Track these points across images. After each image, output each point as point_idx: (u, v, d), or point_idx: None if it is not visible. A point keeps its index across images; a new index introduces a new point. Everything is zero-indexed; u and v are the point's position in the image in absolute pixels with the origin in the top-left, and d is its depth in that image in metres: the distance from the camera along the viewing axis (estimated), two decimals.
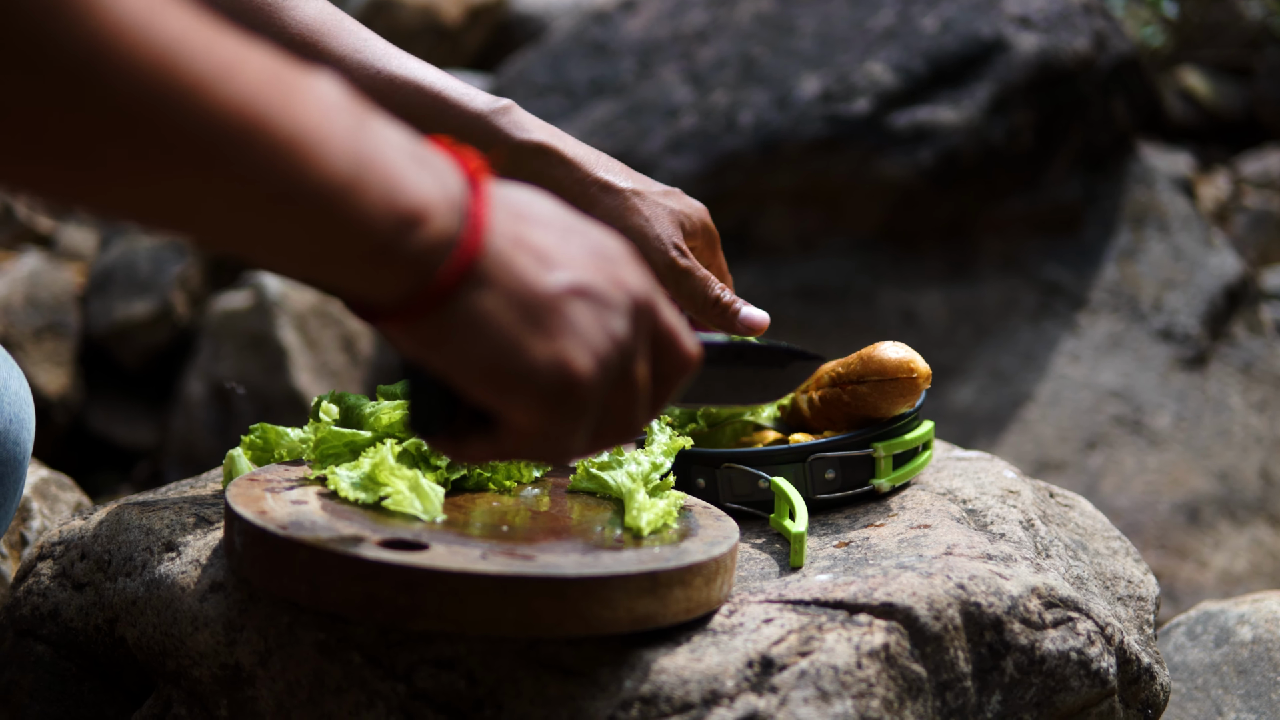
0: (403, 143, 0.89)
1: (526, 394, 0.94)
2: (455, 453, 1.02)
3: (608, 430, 1.02)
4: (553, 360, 0.94)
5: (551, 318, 0.94)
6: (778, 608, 1.23)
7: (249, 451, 1.44)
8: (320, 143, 0.83)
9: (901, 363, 1.46)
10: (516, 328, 0.93)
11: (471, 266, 0.90)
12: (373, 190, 0.85)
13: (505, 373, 0.93)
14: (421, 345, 0.93)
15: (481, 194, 0.92)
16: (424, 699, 1.18)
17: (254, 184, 0.81)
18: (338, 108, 0.85)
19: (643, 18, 4.11)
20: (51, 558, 1.44)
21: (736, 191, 3.62)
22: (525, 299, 0.93)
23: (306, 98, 0.83)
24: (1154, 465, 3.39)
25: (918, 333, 3.57)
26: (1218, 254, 3.75)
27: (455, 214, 0.90)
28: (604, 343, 0.97)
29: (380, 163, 0.86)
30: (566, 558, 1.17)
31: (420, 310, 0.90)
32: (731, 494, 1.48)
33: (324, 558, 1.13)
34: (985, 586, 1.27)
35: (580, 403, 0.96)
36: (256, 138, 0.80)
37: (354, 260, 0.87)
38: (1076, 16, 3.75)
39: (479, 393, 0.95)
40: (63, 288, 4.44)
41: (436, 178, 0.90)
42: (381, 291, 0.90)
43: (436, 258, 0.89)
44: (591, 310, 0.96)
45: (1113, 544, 1.58)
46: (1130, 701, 1.36)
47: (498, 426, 0.98)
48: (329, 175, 0.83)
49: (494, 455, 1.01)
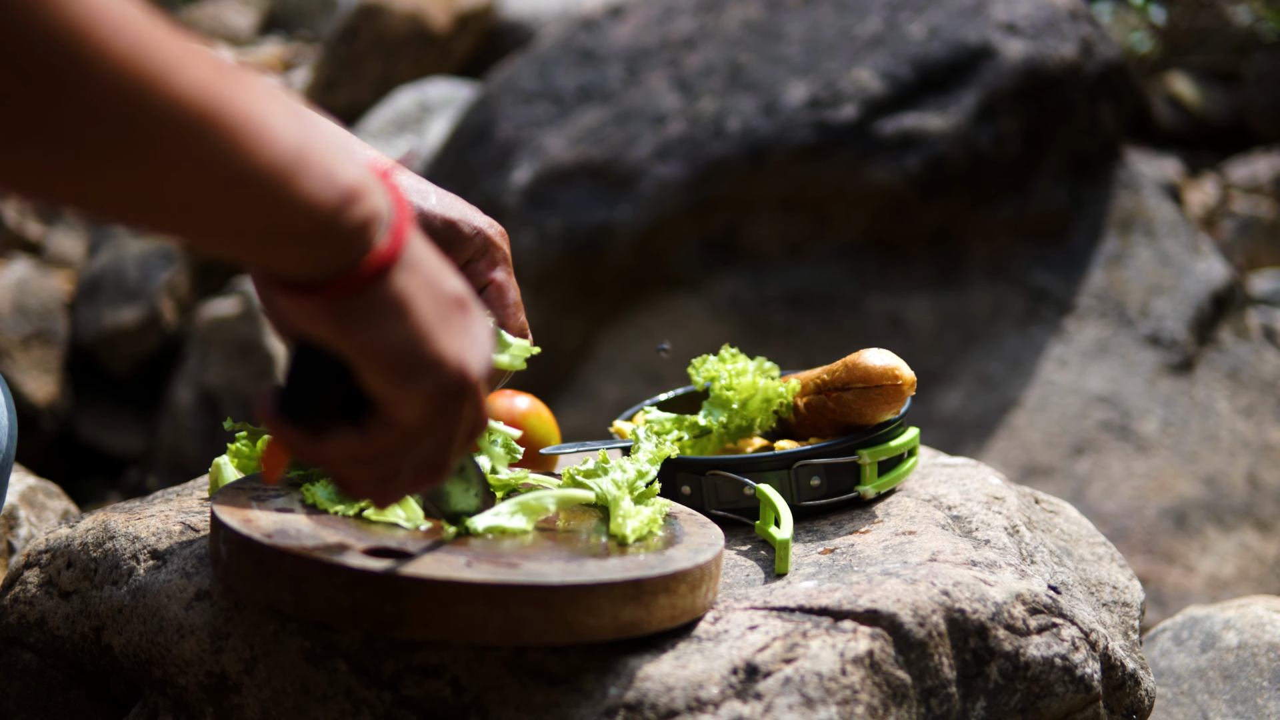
0: (333, 130, 0.95)
1: (429, 383, 0.98)
2: (308, 446, 1.03)
3: (426, 465, 1.06)
4: (457, 356, 0.99)
5: (455, 317, 1.00)
6: (763, 614, 1.24)
7: (235, 459, 1.44)
8: (267, 125, 0.87)
9: (886, 370, 1.46)
10: (433, 318, 0.97)
11: (401, 248, 0.95)
12: (315, 169, 0.89)
13: (416, 358, 0.97)
14: (342, 325, 0.95)
15: (397, 188, 0.98)
16: (409, 706, 1.18)
17: (211, 167, 0.85)
18: (275, 94, 0.89)
19: (630, 25, 4.12)
20: (38, 566, 1.44)
21: (724, 198, 3.62)
22: (437, 293, 0.98)
23: (249, 85, 0.87)
24: (1141, 471, 3.40)
25: (905, 339, 3.57)
26: (1205, 260, 3.76)
27: (384, 198, 0.95)
28: (485, 357, 1.03)
29: (319, 143, 0.90)
30: (551, 565, 1.17)
31: (353, 285, 0.94)
32: (717, 501, 1.48)
33: (309, 566, 1.13)
34: (970, 593, 1.28)
35: (462, 406, 1.01)
36: (212, 123, 0.84)
37: (300, 236, 0.91)
38: (1063, 23, 3.76)
39: (384, 378, 0.97)
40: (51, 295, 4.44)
41: (360, 164, 0.94)
42: (319, 266, 0.93)
43: (371, 234, 0.93)
44: (477, 324, 1.03)
45: (1098, 550, 1.58)
46: (1115, 707, 1.37)
47: (373, 420, 1.00)
48: (277, 155, 0.87)
49: (349, 455, 1.02)
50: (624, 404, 3.50)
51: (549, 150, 3.83)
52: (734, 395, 1.54)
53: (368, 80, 5.79)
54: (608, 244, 3.64)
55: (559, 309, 3.69)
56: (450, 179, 3.94)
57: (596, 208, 3.69)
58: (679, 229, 3.65)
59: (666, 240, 3.66)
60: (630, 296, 3.69)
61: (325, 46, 6.09)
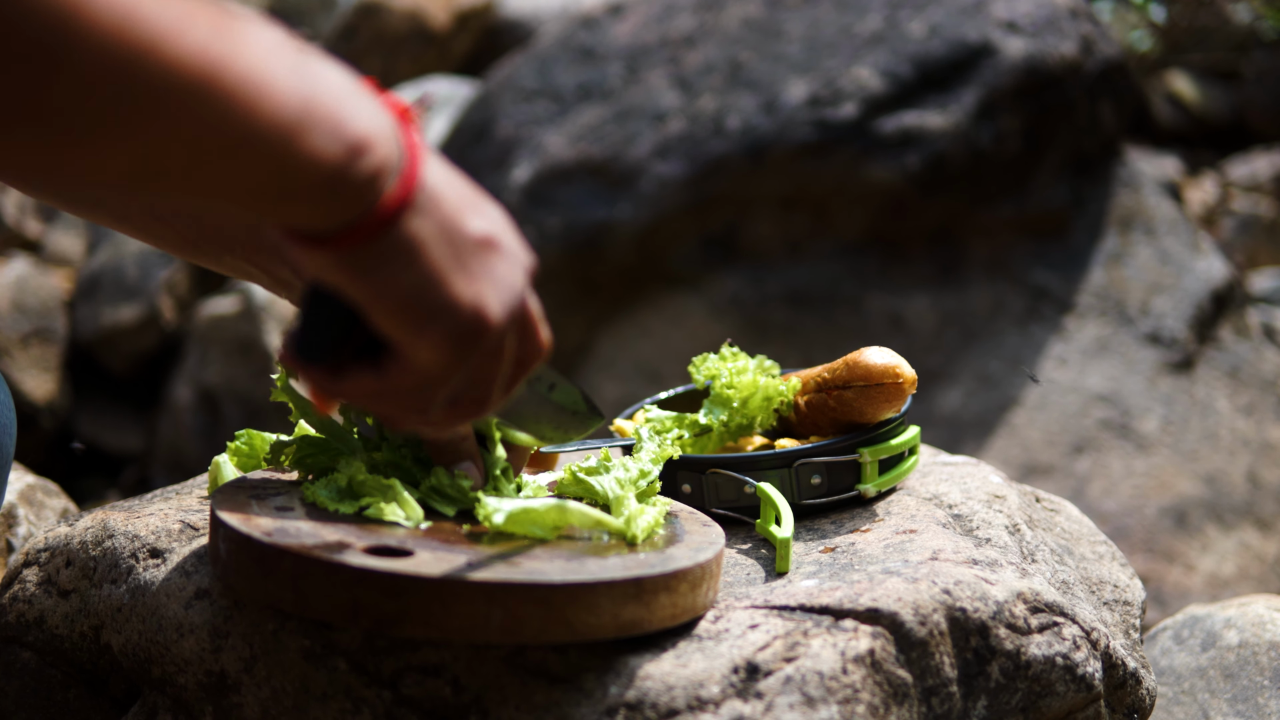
0: (341, 79, 0.93)
1: (442, 327, 0.98)
2: (330, 385, 1.03)
3: (465, 400, 1.06)
4: (473, 299, 0.99)
5: (474, 259, 0.99)
6: (763, 613, 1.23)
7: (235, 458, 1.44)
8: (268, 84, 0.86)
9: (887, 368, 1.46)
10: (445, 261, 0.97)
11: (412, 194, 0.95)
12: (321, 124, 0.89)
13: (428, 302, 0.97)
14: (353, 273, 0.95)
15: (412, 131, 0.97)
16: (409, 705, 1.17)
17: (213, 131, 0.85)
18: (279, 49, 0.89)
19: (630, 23, 4.11)
20: (37, 564, 1.43)
21: (724, 196, 3.62)
22: (454, 236, 0.98)
23: (250, 43, 0.86)
24: (1141, 469, 3.40)
25: (905, 337, 3.57)
26: (1205, 258, 3.75)
27: (394, 145, 0.94)
28: (511, 297, 1.02)
29: (324, 97, 0.90)
30: (552, 564, 1.17)
31: (364, 235, 0.94)
32: (717, 499, 1.47)
33: (309, 565, 1.12)
34: (971, 592, 1.27)
35: (482, 347, 1.01)
36: (212, 87, 0.83)
37: (308, 192, 0.91)
38: (1064, 21, 3.75)
39: (395, 322, 0.98)
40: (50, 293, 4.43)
41: (373, 111, 0.94)
42: (329, 220, 0.93)
43: (381, 184, 0.93)
44: (505, 264, 1.02)
45: (1099, 548, 1.58)
46: (1116, 706, 1.36)
47: (389, 362, 1.01)
48: (280, 114, 0.87)
49: (371, 393, 1.02)
50: (624, 402, 3.50)
51: (549, 148, 3.82)
52: (735, 394, 1.53)
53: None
54: (607, 242, 3.63)
55: (559, 307, 3.68)
56: None
57: (596, 206, 3.69)
58: (679, 227, 3.65)
59: (666, 238, 3.66)
60: (630, 295, 3.69)
61: (325, 45, 6.09)
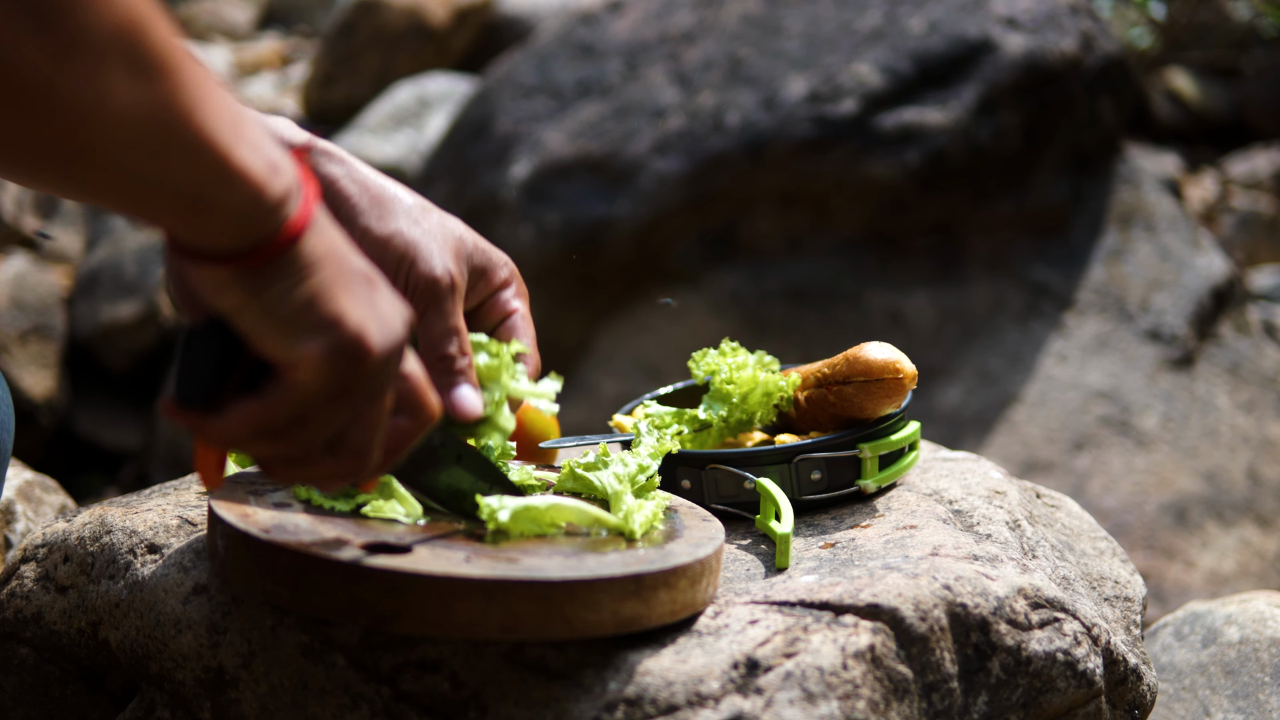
0: (249, 108, 0.98)
1: (325, 341, 0.99)
2: (212, 425, 1.02)
3: (345, 447, 1.06)
4: (357, 320, 1.01)
5: (358, 287, 1.02)
6: (763, 609, 1.23)
7: (233, 455, 1.43)
8: (215, 93, 0.91)
9: (887, 363, 1.45)
10: (334, 281, 1.00)
11: (311, 217, 0.98)
12: (248, 139, 0.93)
13: (315, 315, 0.99)
14: (248, 290, 0.97)
15: (304, 162, 1.02)
16: (408, 702, 1.17)
17: (161, 133, 0.88)
18: (210, 73, 0.92)
19: (630, 19, 4.11)
20: (35, 560, 1.43)
21: (723, 193, 3.62)
22: (342, 263, 1.01)
23: (194, 61, 0.90)
24: (1141, 466, 3.39)
25: (905, 334, 3.57)
26: (1205, 255, 3.75)
27: (294, 171, 0.98)
28: (390, 334, 1.03)
29: (246, 119, 0.94)
30: (550, 560, 1.16)
31: (268, 252, 0.96)
32: (717, 495, 1.47)
33: (307, 561, 1.12)
34: (971, 587, 1.27)
35: (361, 375, 1.02)
36: (175, 84, 0.87)
37: (232, 205, 0.93)
38: (1064, 17, 3.75)
39: (281, 336, 0.99)
40: (49, 290, 4.43)
41: (274, 140, 0.98)
42: (241, 237, 0.95)
43: (289, 205, 0.96)
44: (385, 301, 1.04)
45: (1099, 544, 1.57)
46: (1117, 702, 1.36)
47: (270, 385, 1.01)
48: (220, 125, 0.91)
49: (252, 421, 1.02)
50: (623, 398, 3.49)
51: (548, 145, 3.82)
52: (734, 389, 1.53)
53: (366, 75, 5.78)
54: (607, 239, 3.63)
55: (558, 304, 3.68)
56: (449, 174, 3.94)
57: (595, 202, 3.68)
58: (678, 224, 3.64)
59: (666, 235, 3.65)
60: (629, 291, 3.69)
61: (323, 41, 6.08)
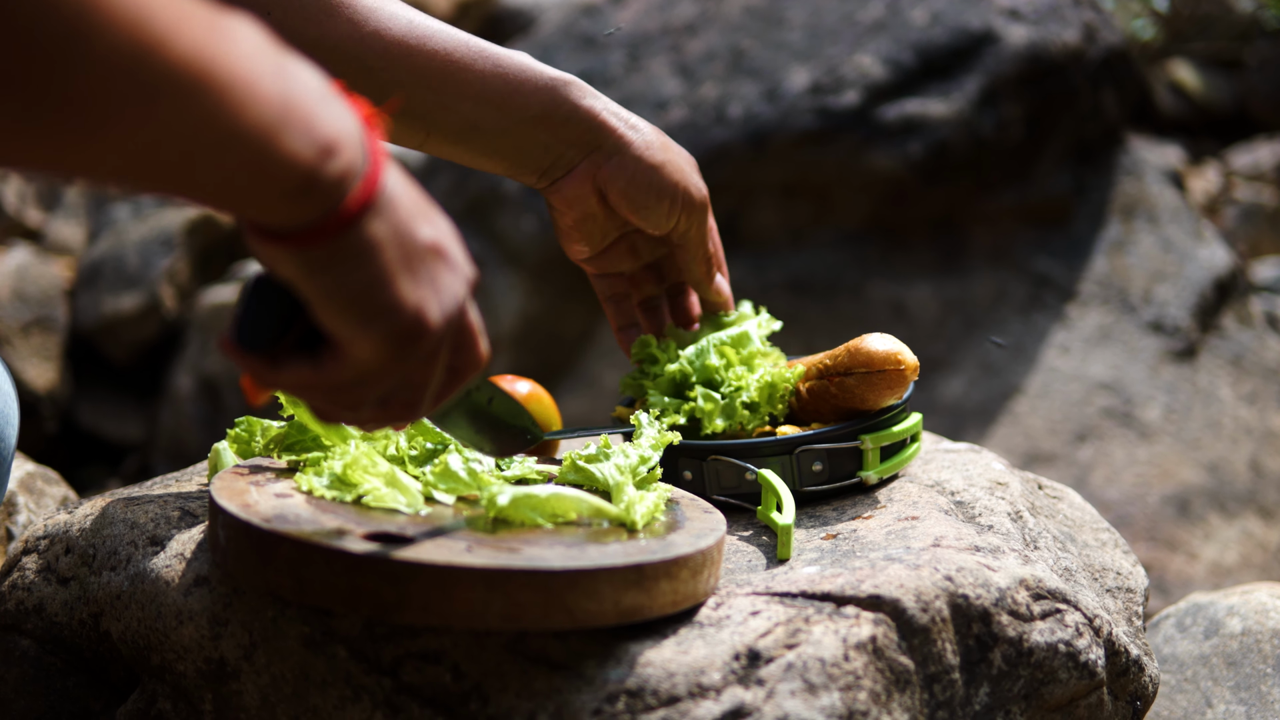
0: (314, 81, 0.94)
1: (384, 326, 1.00)
2: (266, 375, 1.04)
3: (396, 402, 1.08)
4: (416, 303, 1.01)
5: (422, 265, 1.01)
6: (764, 600, 1.23)
7: (234, 445, 1.43)
8: (254, 85, 0.88)
9: (889, 355, 1.45)
10: (394, 264, 0.99)
11: (373, 197, 0.97)
12: (297, 125, 0.91)
13: (374, 302, 0.99)
14: (307, 269, 0.97)
15: (375, 136, 0.99)
16: (410, 692, 1.17)
17: (201, 129, 0.86)
18: (262, 50, 0.90)
19: (632, 10, 4.10)
20: (36, 552, 1.43)
21: (725, 184, 3.61)
22: (405, 240, 1.00)
23: (238, 42, 0.88)
24: (1144, 457, 3.39)
25: (907, 325, 3.56)
26: (1207, 246, 3.75)
27: (359, 149, 0.96)
28: (451, 305, 1.04)
29: (300, 99, 0.91)
30: (552, 550, 1.16)
31: (325, 234, 0.95)
32: (719, 486, 1.47)
33: (308, 551, 1.12)
34: (973, 578, 1.27)
35: (419, 351, 1.03)
36: (205, 85, 0.85)
37: (280, 191, 0.92)
38: (1066, 8, 3.74)
39: (340, 319, 0.99)
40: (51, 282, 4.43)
41: (342, 114, 0.95)
42: (294, 219, 0.94)
43: (345, 186, 0.95)
44: (448, 273, 1.04)
45: (1101, 536, 1.57)
46: (1119, 693, 1.36)
47: (327, 356, 1.02)
48: (263, 114, 0.88)
49: (307, 383, 1.04)
50: None
51: None
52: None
53: None
54: None
55: (561, 295, 3.68)
56: (450, 166, 3.93)
57: None
58: None
59: None
60: None
61: None
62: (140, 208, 4.64)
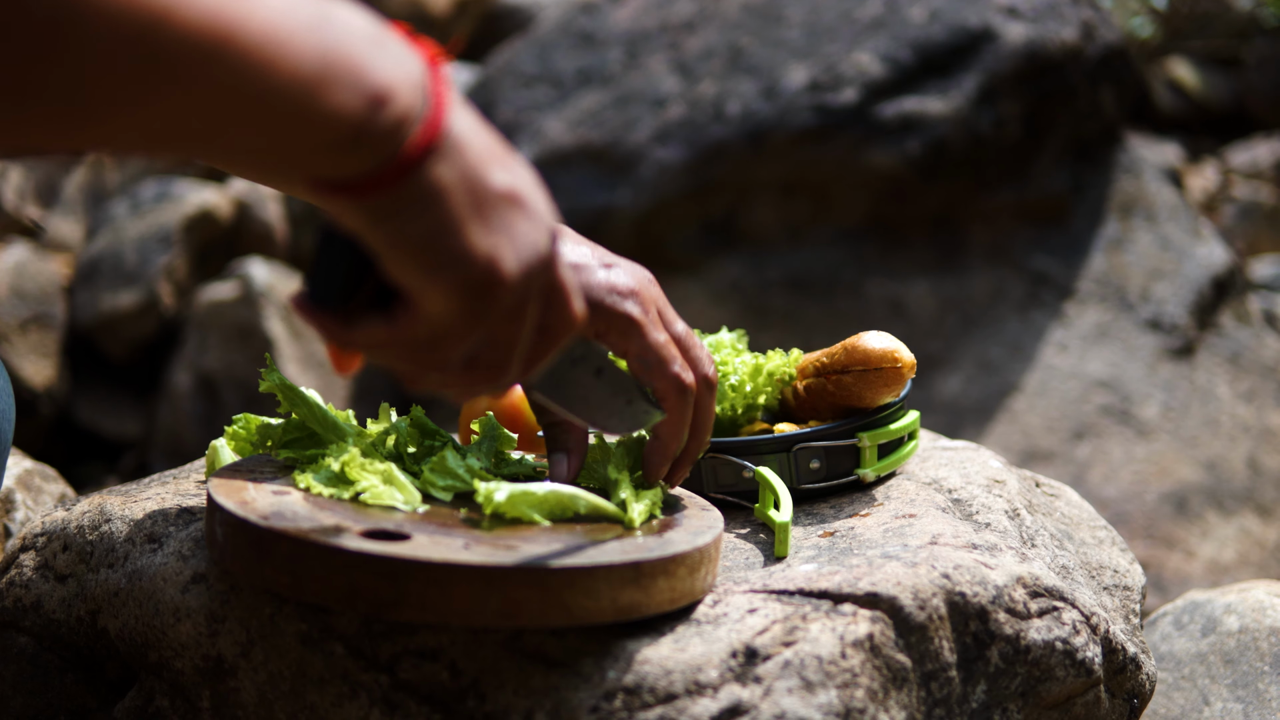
0: (364, 26, 0.91)
1: (454, 276, 0.96)
2: (340, 333, 1.01)
3: (482, 362, 1.04)
4: (487, 252, 0.97)
5: (493, 212, 0.97)
6: (762, 598, 1.23)
7: (232, 442, 1.43)
8: (285, 42, 0.85)
9: (885, 353, 1.45)
10: (463, 210, 0.95)
11: (435, 141, 0.93)
12: (341, 77, 0.88)
13: (441, 250, 0.95)
14: (370, 219, 0.94)
15: (440, 78, 0.95)
16: (407, 690, 1.17)
17: (230, 94, 0.84)
18: (297, 2, 0.87)
19: (630, 8, 4.10)
20: (34, 549, 1.43)
21: (724, 182, 3.61)
22: (475, 186, 0.96)
23: (266, 0, 0.85)
24: (1141, 455, 3.39)
25: (905, 323, 3.56)
26: (1205, 244, 3.75)
27: (418, 93, 0.92)
28: (530, 255, 1.00)
29: (344, 50, 0.88)
30: (549, 548, 1.16)
31: (383, 184, 0.92)
32: (716, 484, 1.47)
33: (305, 548, 1.12)
34: (970, 576, 1.27)
35: (495, 303, 0.99)
36: (226, 50, 0.82)
37: (328, 146, 0.89)
38: (1064, 6, 3.74)
39: (408, 269, 0.96)
40: (49, 279, 4.43)
41: (397, 59, 0.92)
42: (349, 170, 0.91)
43: (402, 134, 0.91)
44: (525, 221, 0.99)
45: (1099, 533, 1.57)
46: (1116, 691, 1.36)
47: (401, 310, 0.99)
48: (298, 72, 0.85)
49: (381, 341, 1.01)
50: None
51: (548, 133, 3.81)
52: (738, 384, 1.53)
53: None
54: (607, 228, 3.63)
55: None
56: None
57: (596, 191, 3.68)
58: (679, 213, 3.64)
59: (666, 224, 3.65)
60: None
61: None
62: (138, 204, 4.63)
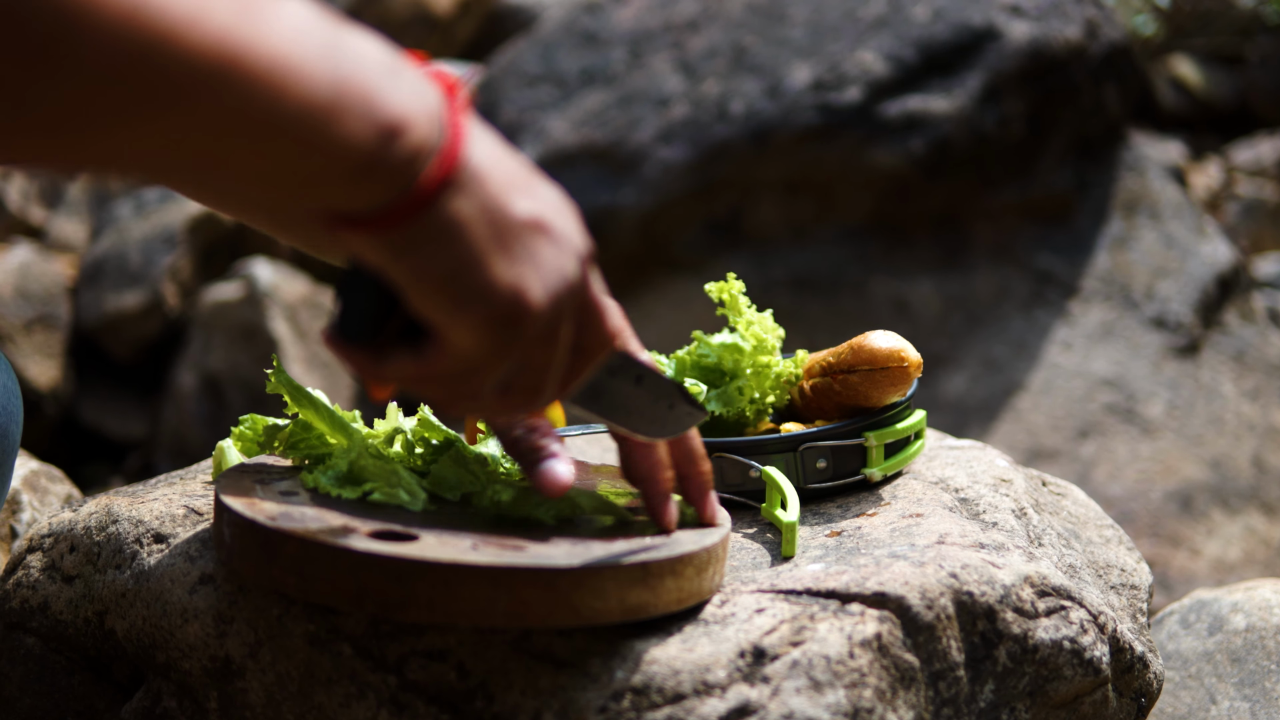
0: (378, 55, 0.89)
1: (479, 311, 0.95)
2: (371, 368, 1.00)
3: (517, 388, 1.03)
4: (512, 284, 0.95)
5: (517, 242, 0.95)
6: (769, 597, 1.23)
7: (239, 443, 1.43)
8: (296, 69, 0.83)
9: (892, 352, 1.45)
10: (485, 243, 0.94)
11: (452, 174, 0.91)
12: (353, 107, 0.86)
13: (465, 285, 0.94)
14: (389, 254, 0.92)
15: (457, 108, 0.93)
16: (415, 690, 1.17)
17: (237, 120, 0.82)
18: (309, 29, 0.85)
19: (633, 7, 4.10)
20: (41, 550, 1.43)
21: (728, 181, 3.61)
22: (495, 217, 0.94)
23: (276, 24, 0.83)
24: (1147, 454, 3.39)
25: (910, 322, 3.56)
26: (1210, 242, 3.75)
27: (434, 124, 0.91)
28: (557, 283, 0.98)
29: (358, 79, 0.86)
30: (557, 548, 1.16)
31: (400, 217, 0.91)
32: (723, 484, 1.47)
33: (313, 549, 1.12)
34: (978, 575, 1.27)
35: (523, 334, 0.97)
36: (233, 75, 0.80)
37: (340, 177, 0.87)
38: (1068, 4, 3.74)
39: (432, 304, 0.95)
40: (53, 279, 4.43)
41: (413, 89, 0.90)
42: (363, 202, 0.90)
43: (418, 166, 0.90)
44: (551, 248, 0.98)
45: (1105, 532, 1.57)
46: (1124, 690, 1.36)
47: (429, 345, 0.98)
48: (308, 100, 0.83)
49: (412, 376, 1.00)
50: None
51: (552, 133, 3.81)
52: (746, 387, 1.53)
53: None
54: (611, 227, 3.63)
55: None
56: None
57: (600, 191, 3.68)
58: (682, 212, 3.64)
59: (670, 223, 3.65)
60: (633, 280, 3.69)
61: None
62: (142, 205, 4.64)
